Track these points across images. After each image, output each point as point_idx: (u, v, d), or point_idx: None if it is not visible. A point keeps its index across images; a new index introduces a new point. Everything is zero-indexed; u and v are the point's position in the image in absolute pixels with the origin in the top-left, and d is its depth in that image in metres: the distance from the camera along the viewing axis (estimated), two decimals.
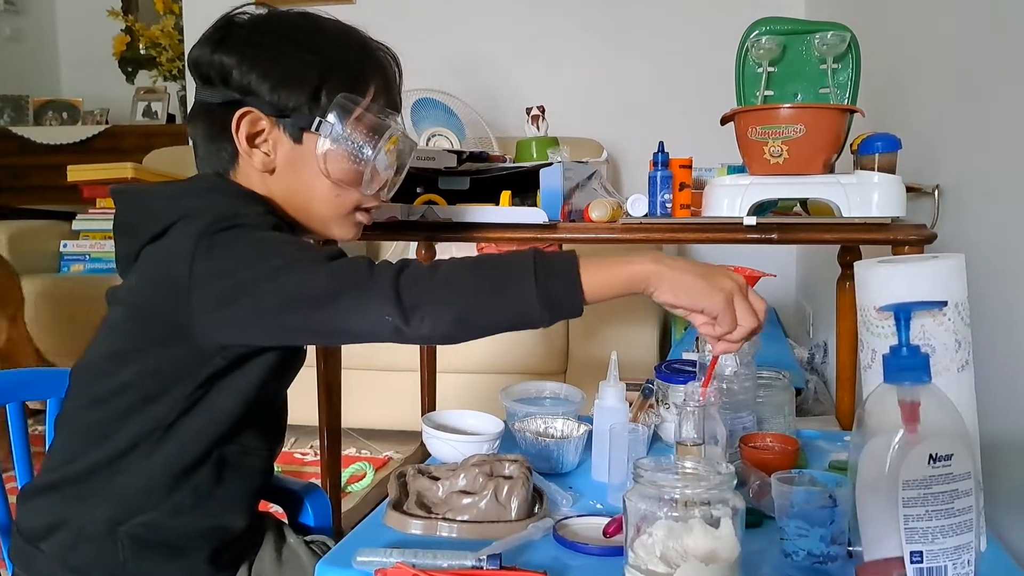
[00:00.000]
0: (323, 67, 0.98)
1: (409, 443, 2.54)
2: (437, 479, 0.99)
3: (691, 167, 1.42)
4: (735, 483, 0.78)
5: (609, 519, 0.95)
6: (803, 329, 3.00)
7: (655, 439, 1.24)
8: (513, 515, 0.94)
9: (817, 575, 0.82)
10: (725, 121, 1.36)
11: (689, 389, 0.96)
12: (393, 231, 1.46)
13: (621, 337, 2.48)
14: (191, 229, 0.87)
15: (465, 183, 1.51)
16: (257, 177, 0.99)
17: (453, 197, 1.49)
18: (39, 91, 4.01)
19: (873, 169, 1.37)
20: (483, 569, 0.82)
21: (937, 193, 1.37)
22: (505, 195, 1.45)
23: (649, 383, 1.31)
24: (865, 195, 1.27)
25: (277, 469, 1.21)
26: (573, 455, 1.15)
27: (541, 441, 1.15)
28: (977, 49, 1.38)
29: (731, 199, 1.32)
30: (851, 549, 0.82)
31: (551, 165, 1.43)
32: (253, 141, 0.98)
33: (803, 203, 1.50)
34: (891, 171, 1.38)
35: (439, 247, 2.50)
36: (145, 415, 0.92)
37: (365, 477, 2.39)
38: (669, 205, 1.40)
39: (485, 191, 1.49)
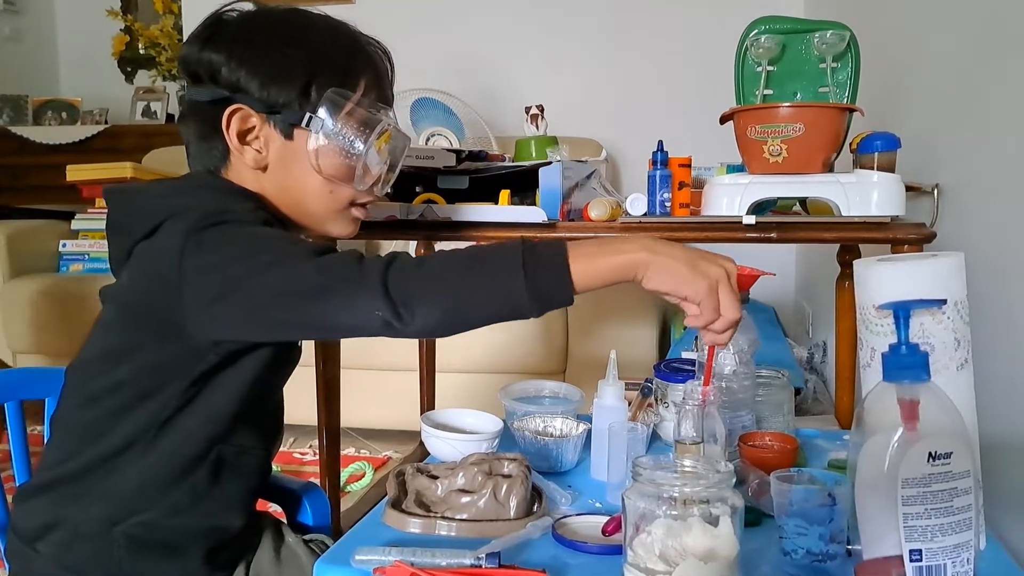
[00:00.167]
0: (312, 62, 0.97)
1: (408, 443, 2.54)
2: (436, 478, 0.99)
3: (690, 166, 1.42)
4: (734, 481, 0.78)
5: (608, 518, 0.94)
6: (802, 329, 3.00)
7: (654, 438, 1.24)
8: (512, 514, 0.94)
9: (816, 574, 0.82)
10: (724, 120, 1.36)
11: (688, 388, 0.96)
12: (392, 230, 1.46)
13: (620, 336, 2.48)
14: (181, 226, 0.87)
15: (464, 182, 1.51)
16: (249, 174, 0.99)
17: (452, 196, 1.49)
18: (38, 91, 4.00)
19: (872, 168, 1.37)
20: (482, 568, 0.82)
21: (936, 192, 1.37)
22: (504, 194, 1.45)
23: (648, 382, 1.31)
24: (864, 194, 1.27)
25: (276, 468, 1.21)
26: (572, 454, 1.15)
27: (540, 440, 1.15)
28: (977, 48, 1.38)
29: (730, 198, 1.32)
30: (850, 547, 0.81)
31: (550, 164, 1.42)
32: (244, 138, 0.97)
33: (802, 202, 1.50)
34: (890, 170, 1.38)
35: (438, 246, 2.50)
36: (140, 413, 0.92)
37: (364, 477, 2.39)
38: (668, 204, 1.40)
39: (484, 190, 1.49)
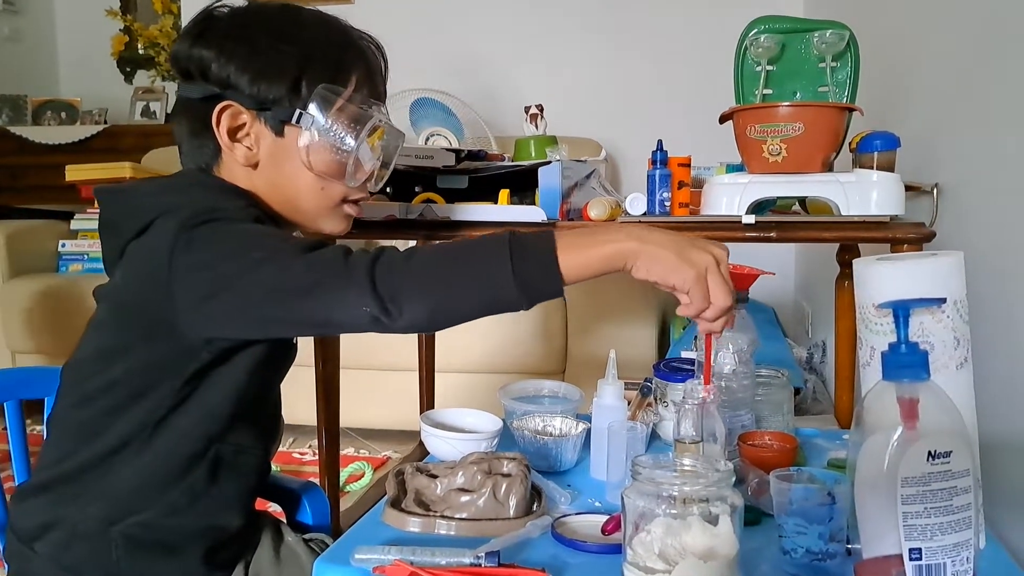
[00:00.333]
0: (302, 58, 0.97)
1: (407, 442, 2.54)
2: (435, 477, 0.99)
3: (690, 165, 1.42)
4: (733, 480, 0.78)
5: (607, 517, 0.94)
6: (802, 328, 3.00)
7: (653, 437, 1.24)
8: (511, 513, 0.94)
9: (816, 573, 0.82)
10: (724, 119, 1.36)
11: (688, 387, 0.96)
12: (391, 230, 1.46)
13: (620, 336, 2.48)
14: (171, 224, 0.87)
15: (463, 182, 1.51)
16: (241, 172, 0.99)
17: (451, 196, 1.49)
18: (37, 91, 4.00)
19: (872, 167, 1.37)
20: (481, 566, 0.82)
21: (936, 191, 1.37)
22: (503, 194, 1.45)
23: (648, 381, 1.31)
24: (864, 193, 1.27)
25: (276, 468, 1.21)
26: (571, 453, 1.15)
27: (539, 439, 1.15)
28: (976, 48, 1.38)
29: (730, 197, 1.32)
30: (850, 547, 0.81)
31: (549, 164, 1.42)
32: (235, 135, 0.97)
33: (802, 202, 1.50)
34: (890, 169, 1.38)
35: None
36: (134, 412, 0.92)
37: (364, 476, 2.39)
38: (668, 203, 1.40)
39: (483, 190, 1.49)
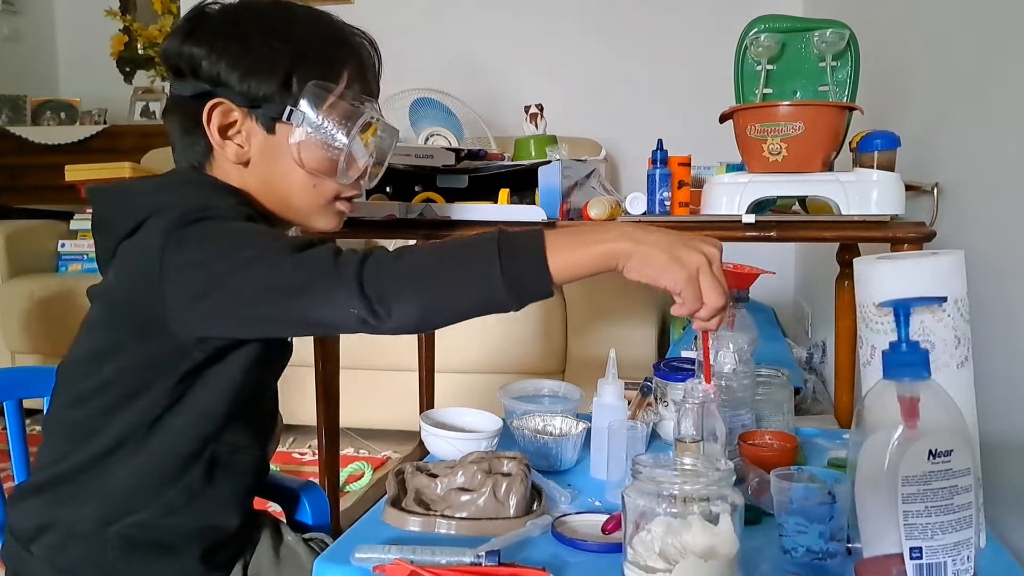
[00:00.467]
0: (293, 55, 0.96)
1: (407, 443, 2.54)
2: (435, 476, 0.99)
3: (690, 165, 1.42)
4: (734, 479, 0.78)
5: (608, 516, 0.94)
6: (801, 329, 3.00)
7: (654, 437, 1.24)
8: (512, 512, 0.93)
9: (816, 571, 0.82)
10: (724, 119, 1.36)
11: (688, 386, 0.96)
12: (391, 229, 1.46)
13: (620, 336, 2.48)
14: (162, 223, 0.86)
15: (463, 181, 1.51)
16: (233, 169, 0.98)
17: (451, 195, 1.49)
18: (37, 91, 4.00)
19: (872, 167, 1.37)
20: (482, 566, 0.82)
21: (936, 191, 1.37)
22: (503, 193, 1.45)
23: (648, 381, 1.31)
24: (864, 193, 1.27)
25: (275, 468, 1.21)
26: (572, 453, 1.15)
27: (540, 439, 1.15)
28: (976, 47, 1.38)
29: (730, 197, 1.32)
30: (850, 546, 0.81)
31: (549, 163, 1.42)
32: (226, 133, 0.96)
33: (801, 201, 1.50)
34: (890, 169, 1.38)
35: None
36: (129, 412, 0.91)
37: (363, 476, 2.39)
38: (668, 203, 1.40)
39: (483, 189, 1.49)
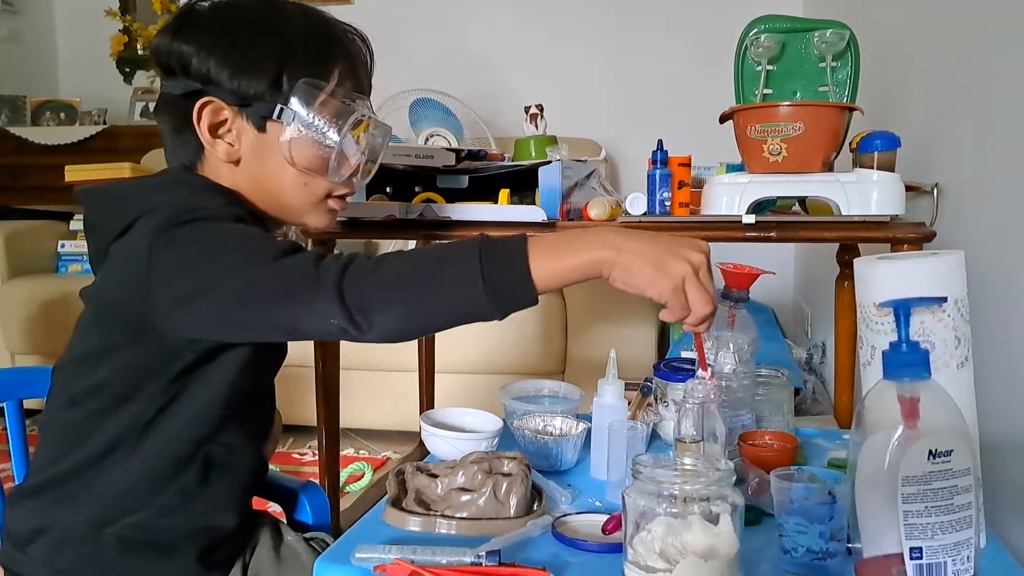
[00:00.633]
0: (283, 52, 0.95)
1: (407, 443, 2.54)
2: (436, 476, 0.99)
3: (690, 165, 1.42)
4: (734, 479, 0.78)
5: (608, 516, 0.94)
6: (801, 329, 3.00)
7: (654, 437, 1.24)
8: (512, 512, 0.93)
9: (816, 572, 0.82)
10: (724, 119, 1.36)
11: (689, 386, 0.96)
12: (391, 229, 1.46)
13: (619, 337, 2.47)
14: (151, 224, 0.86)
15: (463, 181, 1.51)
16: (224, 168, 0.98)
17: (451, 195, 1.49)
18: (36, 91, 3.99)
19: (872, 167, 1.38)
20: (482, 565, 0.82)
21: (936, 191, 1.37)
22: (503, 193, 1.45)
23: (648, 381, 1.31)
24: (864, 193, 1.28)
25: (275, 469, 1.21)
26: (572, 453, 1.15)
27: (540, 439, 1.15)
28: (976, 47, 1.38)
29: (730, 197, 1.32)
30: (850, 546, 0.81)
31: (549, 163, 1.42)
32: (216, 132, 0.96)
33: (801, 202, 1.50)
34: (890, 169, 1.38)
35: None
36: (122, 414, 0.91)
37: (363, 477, 2.39)
38: (668, 203, 1.40)
39: (483, 189, 1.49)
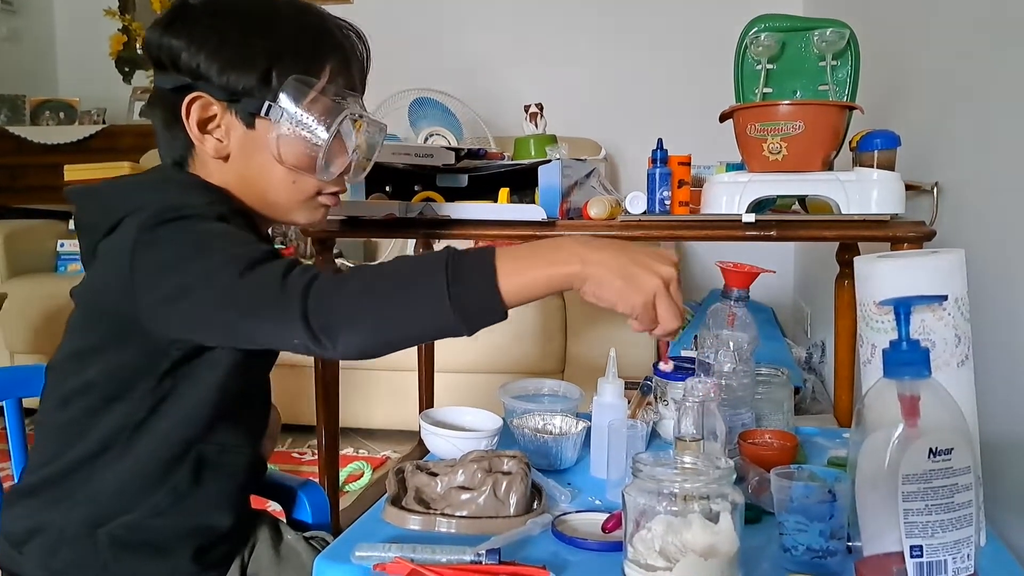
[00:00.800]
0: (273, 48, 0.94)
1: (407, 442, 2.54)
2: (436, 475, 0.99)
3: (690, 164, 1.42)
4: (734, 478, 0.78)
5: (608, 515, 0.94)
6: (800, 329, 3.00)
7: (653, 436, 1.24)
8: (512, 511, 0.93)
9: (816, 570, 0.82)
10: (724, 118, 1.36)
11: (688, 385, 0.96)
12: (391, 228, 1.46)
13: (619, 336, 2.47)
14: (135, 223, 0.85)
15: (463, 180, 1.51)
16: (213, 164, 0.97)
17: (451, 194, 1.49)
18: (36, 91, 3.99)
19: (872, 166, 1.38)
20: (482, 564, 0.82)
21: (936, 190, 1.37)
22: (503, 192, 1.45)
23: (648, 380, 1.31)
24: (864, 192, 1.28)
25: (275, 468, 1.21)
26: (572, 451, 1.15)
27: (540, 438, 1.15)
28: (976, 46, 1.38)
29: (730, 196, 1.32)
30: (850, 544, 0.81)
31: (549, 162, 1.42)
32: (205, 127, 0.95)
33: (801, 201, 1.50)
34: (890, 168, 1.38)
35: (437, 246, 2.50)
36: (113, 414, 0.91)
37: (363, 476, 2.38)
38: (668, 202, 1.40)
39: (483, 188, 1.49)
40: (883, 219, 1.28)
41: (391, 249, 3.02)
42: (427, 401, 2.15)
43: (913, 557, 0.72)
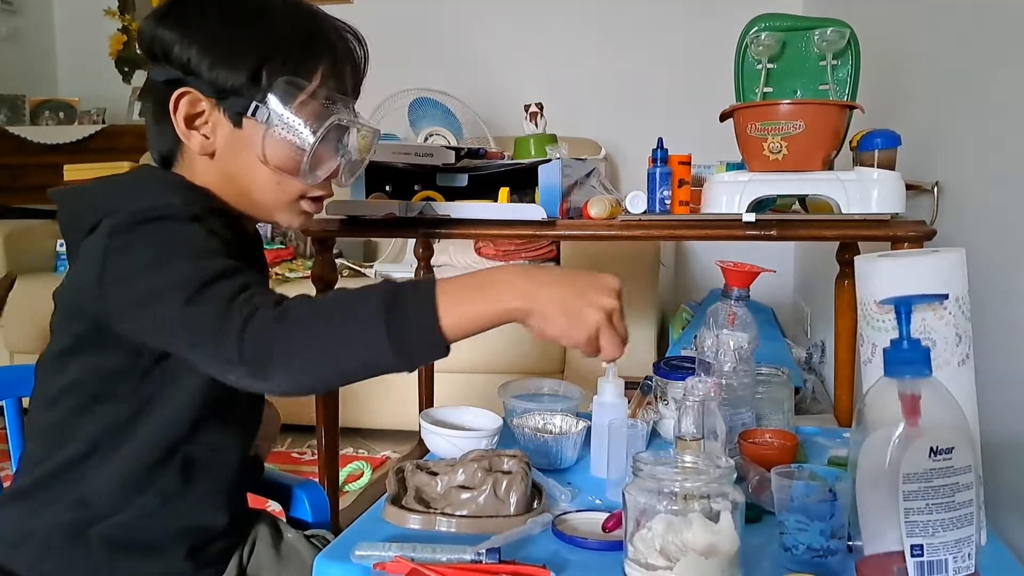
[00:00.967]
0: (264, 46, 0.92)
1: (407, 442, 2.54)
2: (436, 474, 0.99)
3: (690, 163, 1.42)
4: (734, 477, 0.78)
5: (608, 514, 0.94)
6: (800, 329, 3.00)
7: (654, 435, 1.24)
8: (512, 510, 0.93)
9: (817, 569, 0.82)
10: (724, 117, 1.36)
11: (689, 384, 0.96)
12: (391, 228, 1.46)
13: None
14: (109, 225, 0.85)
15: (463, 180, 1.51)
16: (199, 161, 0.96)
17: (451, 194, 1.49)
18: (36, 91, 3.99)
19: (873, 166, 1.37)
20: (482, 563, 0.82)
21: (936, 190, 1.37)
22: (503, 192, 1.45)
23: (648, 379, 1.31)
24: (864, 191, 1.27)
25: (274, 468, 1.21)
26: (572, 451, 1.15)
27: (540, 437, 1.15)
28: (977, 46, 1.38)
29: (730, 196, 1.31)
30: (851, 543, 0.81)
31: (549, 162, 1.42)
32: (192, 123, 0.93)
33: (802, 200, 1.50)
34: (891, 168, 1.38)
35: (437, 246, 2.50)
36: (98, 415, 0.90)
37: (362, 476, 2.38)
38: (668, 202, 1.40)
39: (483, 188, 1.49)
40: (883, 219, 1.28)
41: (391, 249, 3.02)
42: (427, 401, 2.15)
43: (914, 556, 0.72)
